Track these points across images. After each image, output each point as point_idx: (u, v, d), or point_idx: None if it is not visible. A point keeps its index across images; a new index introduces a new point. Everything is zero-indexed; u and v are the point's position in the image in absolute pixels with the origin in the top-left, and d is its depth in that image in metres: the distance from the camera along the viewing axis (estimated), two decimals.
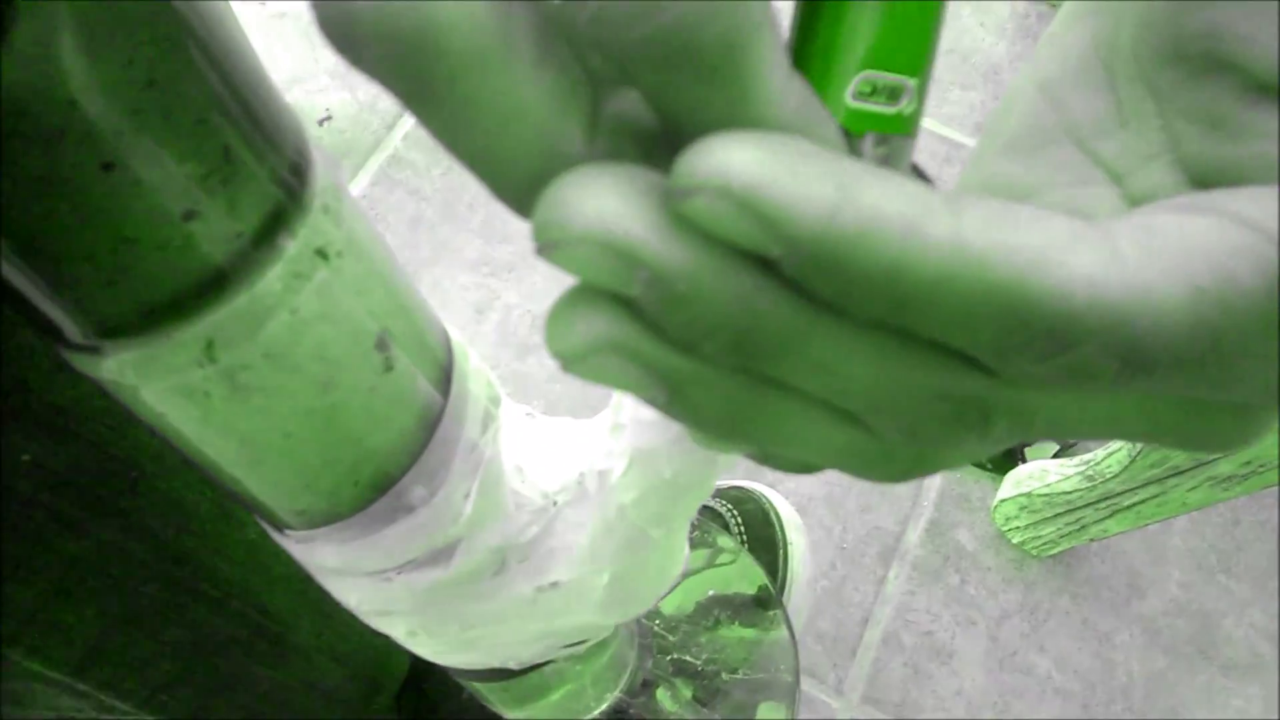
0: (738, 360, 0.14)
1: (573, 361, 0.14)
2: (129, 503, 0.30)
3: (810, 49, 0.15)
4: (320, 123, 1.00)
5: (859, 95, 0.15)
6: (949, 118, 1.00)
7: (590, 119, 0.13)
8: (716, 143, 0.12)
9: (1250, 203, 0.14)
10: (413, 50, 0.11)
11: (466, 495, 0.30)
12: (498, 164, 0.13)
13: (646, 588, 0.34)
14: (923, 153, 0.98)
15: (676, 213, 0.12)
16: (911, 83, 0.15)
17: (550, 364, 0.88)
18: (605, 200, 0.12)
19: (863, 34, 0.15)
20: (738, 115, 0.12)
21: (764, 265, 0.13)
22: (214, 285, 0.22)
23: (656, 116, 0.14)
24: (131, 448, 0.31)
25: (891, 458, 0.17)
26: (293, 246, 0.23)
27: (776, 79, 0.12)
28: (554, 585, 0.32)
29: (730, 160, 0.12)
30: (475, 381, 0.31)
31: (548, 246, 0.13)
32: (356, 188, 0.96)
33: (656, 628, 0.46)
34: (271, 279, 0.22)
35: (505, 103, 0.12)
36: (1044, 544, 0.81)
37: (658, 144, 0.14)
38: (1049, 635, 0.80)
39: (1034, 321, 0.13)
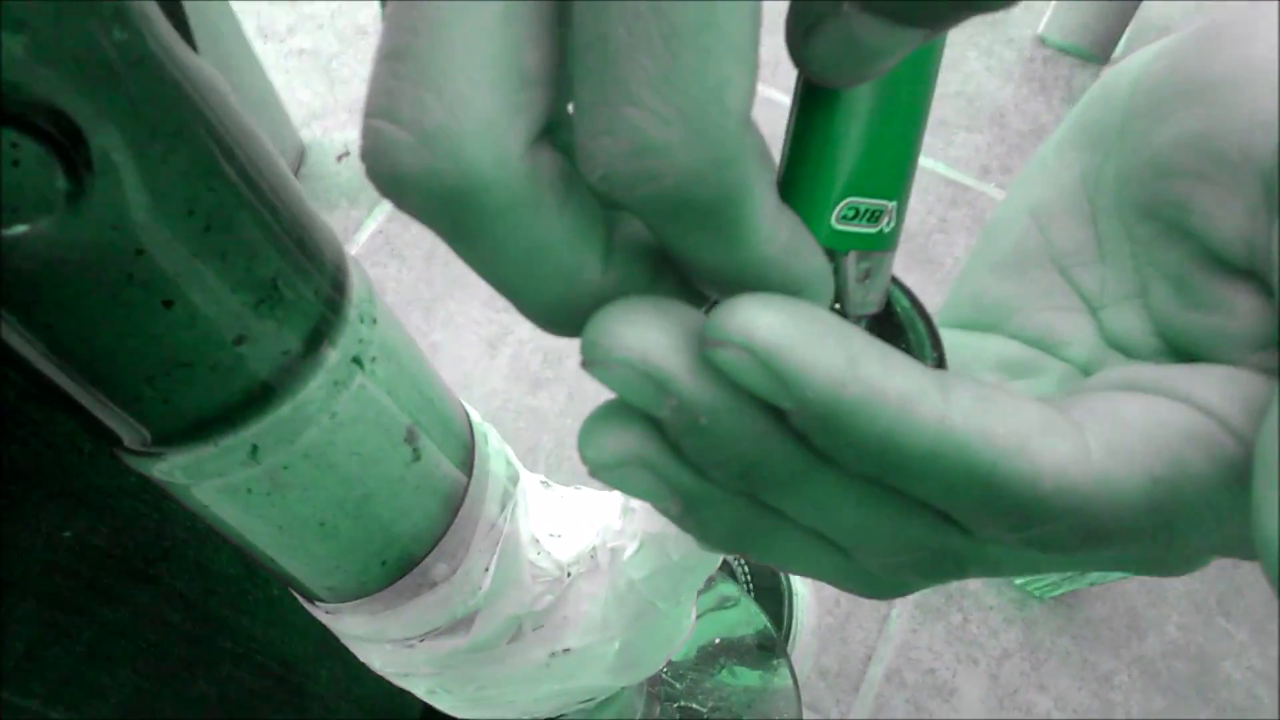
0: (744, 487, 0.16)
1: (601, 469, 0.16)
2: (161, 570, 0.32)
3: (799, 179, 0.16)
4: (339, 158, 1.02)
5: (843, 219, 0.16)
6: (955, 160, 1.02)
7: (607, 246, 0.15)
8: (747, 303, 0.14)
9: (1208, 387, 0.16)
10: (452, 203, 0.13)
11: (486, 569, 0.32)
12: (525, 292, 0.15)
13: (654, 653, 0.36)
14: (929, 194, 1.00)
15: (705, 357, 0.14)
16: (891, 204, 0.17)
17: (561, 398, 0.89)
18: (648, 333, 0.14)
19: (846, 166, 0.16)
20: (733, 255, 0.14)
21: (775, 410, 0.15)
22: (261, 396, 0.24)
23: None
24: (164, 518, 0.33)
25: (876, 583, 0.19)
26: (333, 357, 0.25)
27: (767, 222, 0.13)
28: (567, 651, 0.34)
29: (757, 322, 0.13)
30: (495, 462, 0.32)
31: (593, 363, 0.14)
32: (373, 222, 0.99)
33: (664, 675, 0.48)
34: (313, 388, 0.24)
35: (532, 243, 0.14)
36: (1046, 585, 0.82)
37: (666, 263, 0.15)
38: (1049, 675, 0.81)
39: (1006, 501, 0.14)
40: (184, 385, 0.22)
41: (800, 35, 0.13)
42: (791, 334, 0.13)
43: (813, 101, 0.16)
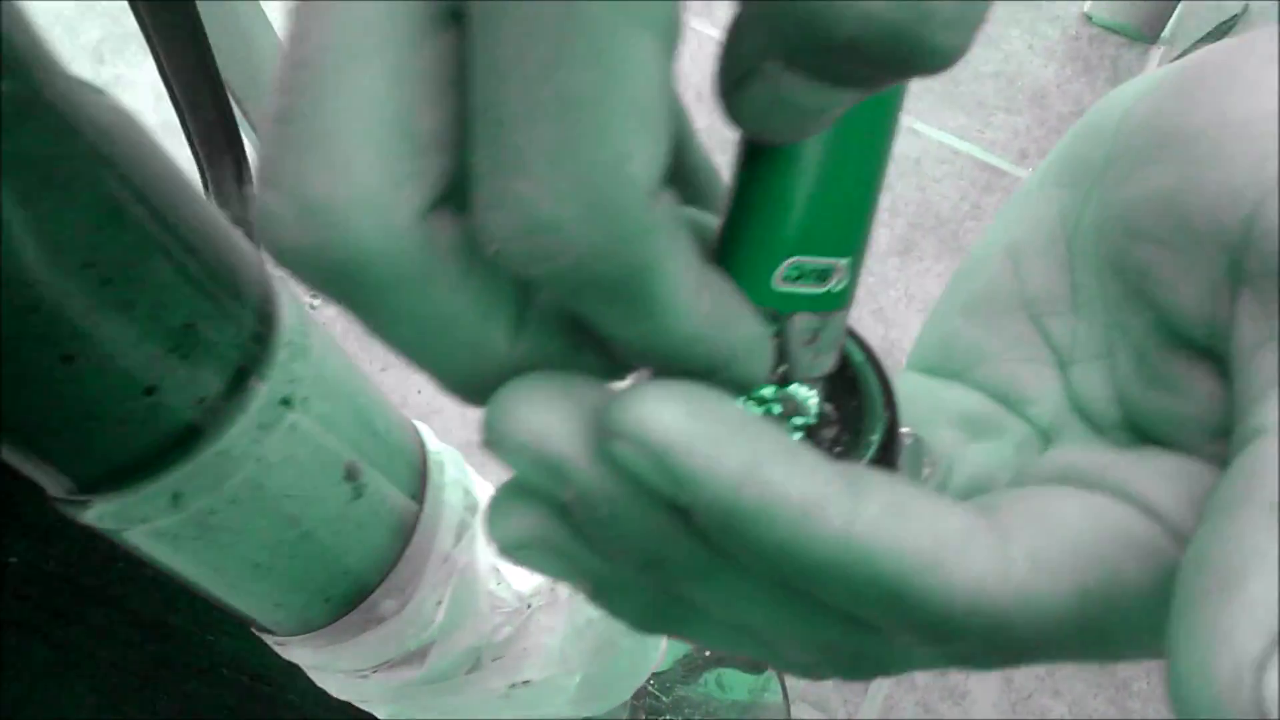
0: (650, 579, 0.15)
1: (506, 550, 0.15)
2: (117, 590, 0.32)
3: (737, 238, 0.15)
4: None
5: (787, 279, 0.15)
6: (991, 143, 0.98)
7: (517, 317, 0.14)
8: (645, 395, 0.13)
9: (1155, 482, 0.15)
10: (339, 277, 0.12)
11: (439, 603, 0.31)
12: (430, 365, 0.14)
13: (618, 685, 0.35)
14: (963, 179, 0.97)
15: (602, 449, 0.13)
16: (841, 262, 0.15)
17: None
18: (547, 416, 0.13)
19: (788, 224, 0.15)
20: (649, 330, 0.13)
21: (679, 506, 0.14)
22: (181, 443, 0.23)
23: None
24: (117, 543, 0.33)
25: (809, 673, 0.18)
26: (258, 400, 0.24)
27: (684, 295, 0.13)
28: (527, 683, 0.33)
29: (651, 418, 0.13)
30: (451, 492, 0.31)
31: (490, 445, 0.14)
32: None
33: (650, 688, 0.47)
34: (235, 434, 0.23)
35: (430, 316, 0.13)
36: None
37: (588, 333, 0.14)
38: (1064, 680, 0.79)
39: (917, 617, 0.13)
40: (94, 437, 0.22)
41: (728, 90, 0.12)
42: (689, 431, 0.13)
43: (751, 156, 0.15)
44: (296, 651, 0.30)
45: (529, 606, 0.33)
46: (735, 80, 0.12)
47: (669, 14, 0.11)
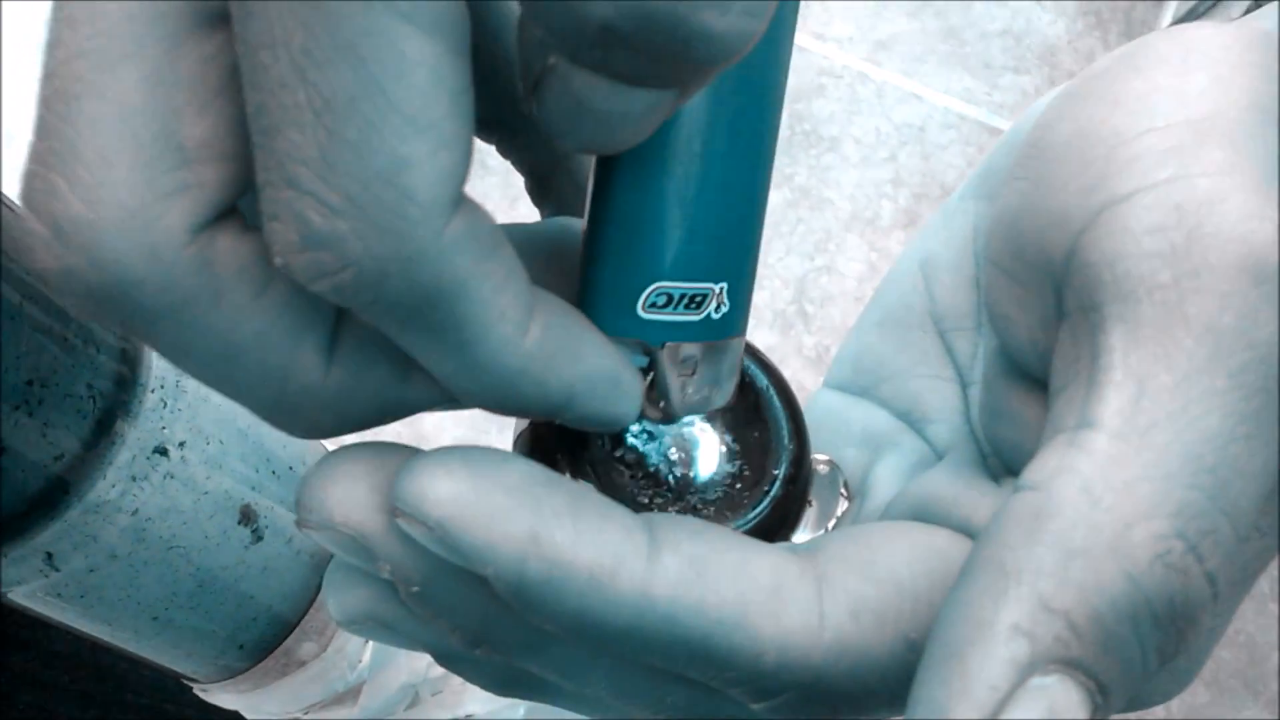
0: (484, 653, 0.14)
1: (344, 625, 0.14)
2: (37, 634, 0.31)
3: (594, 263, 0.14)
4: None
5: (652, 308, 0.14)
6: (999, 106, 0.95)
7: (330, 339, 0.13)
8: (422, 466, 0.12)
9: (986, 511, 0.14)
10: (103, 303, 0.11)
11: (365, 642, 0.29)
12: (234, 394, 0.13)
13: (566, 715, 0.33)
14: (970, 144, 0.93)
15: (397, 526, 0.12)
16: (716, 287, 0.14)
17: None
18: (354, 491, 0.13)
19: (647, 247, 0.14)
20: (460, 360, 0.12)
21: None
22: (44, 502, 0.22)
23: None
24: None
25: None
26: (125, 451, 0.22)
27: (502, 325, 0.12)
28: (469, 718, 0.32)
29: (429, 493, 0.12)
30: None
31: (302, 524, 0.13)
32: None
33: None
34: (103, 488, 0.22)
35: (219, 342, 0.12)
36: None
37: (409, 361, 0.14)
38: None
39: (731, 675, 0.13)
40: None
41: (529, 94, 0.12)
42: (467, 503, 0.12)
43: (603, 169, 0.13)
44: (220, 696, 0.29)
45: None
46: (533, 83, 0.11)
47: (442, 12, 0.10)
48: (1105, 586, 0.11)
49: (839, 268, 0.88)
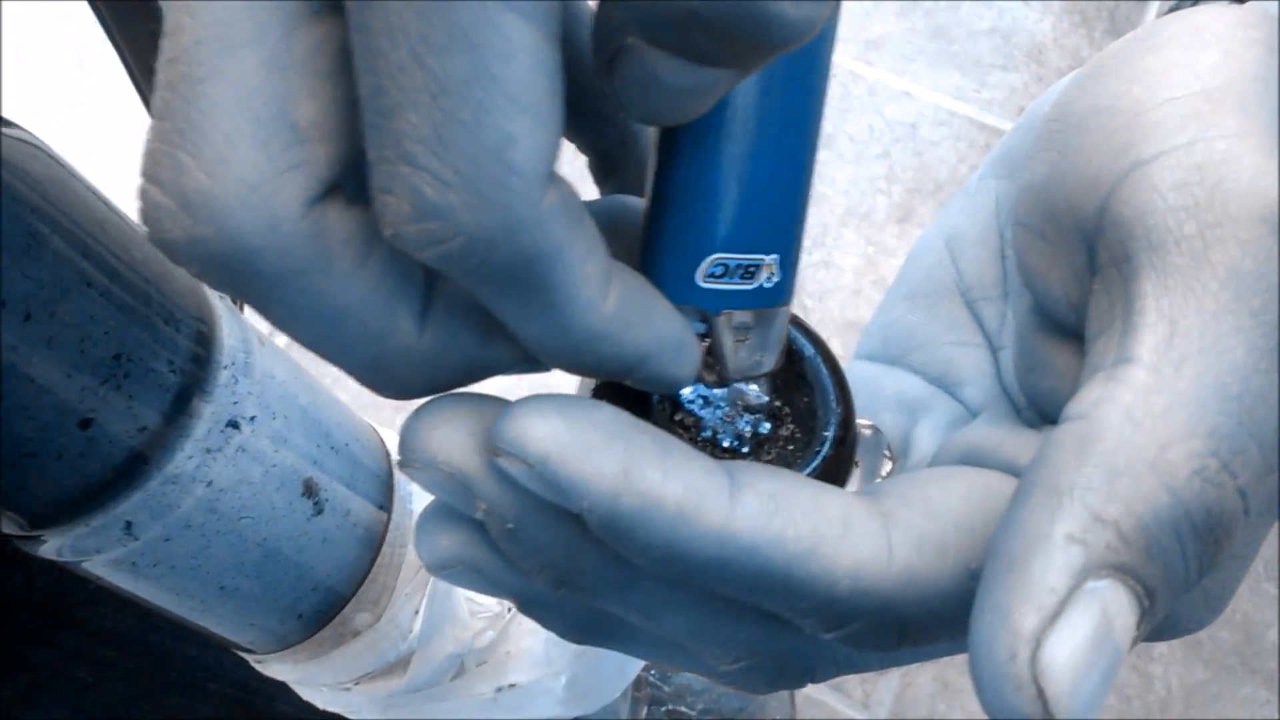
0: (568, 593, 0.15)
1: (434, 570, 0.15)
2: (88, 612, 0.32)
3: (657, 236, 0.15)
4: None
5: (710, 277, 0.15)
6: (988, 103, 0.97)
7: (423, 304, 0.14)
8: (522, 409, 0.13)
9: (1030, 452, 0.15)
10: (225, 270, 0.12)
11: (416, 612, 0.31)
12: (336, 357, 0.14)
13: (607, 684, 0.35)
14: (961, 141, 0.95)
15: (494, 465, 0.13)
16: (769, 258, 0.15)
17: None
18: (454, 434, 0.13)
19: (707, 220, 0.14)
20: (551, 325, 0.13)
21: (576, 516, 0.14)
22: (125, 473, 0.23)
23: None
24: None
25: (740, 682, 0.18)
26: (202, 424, 0.23)
27: (587, 289, 0.13)
28: (513, 686, 0.33)
29: (528, 430, 0.13)
30: (420, 501, 0.31)
31: (404, 466, 0.14)
32: None
33: (650, 677, 0.47)
34: (181, 460, 0.23)
35: (327, 306, 0.13)
36: None
37: (496, 326, 0.14)
38: None
39: (807, 604, 0.14)
40: (35, 473, 0.21)
41: (603, 70, 0.12)
42: (564, 442, 0.13)
43: (666, 148, 0.14)
44: (276, 667, 0.30)
45: (510, 610, 0.33)
46: (607, 60, 0.12)
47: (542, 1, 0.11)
48: (1149, 499, 0.12)
49: (836, 262, 0.90)
